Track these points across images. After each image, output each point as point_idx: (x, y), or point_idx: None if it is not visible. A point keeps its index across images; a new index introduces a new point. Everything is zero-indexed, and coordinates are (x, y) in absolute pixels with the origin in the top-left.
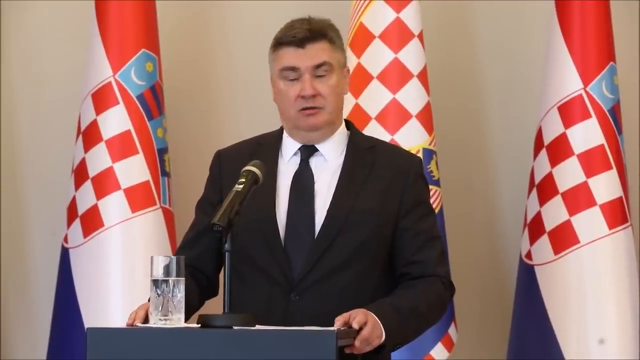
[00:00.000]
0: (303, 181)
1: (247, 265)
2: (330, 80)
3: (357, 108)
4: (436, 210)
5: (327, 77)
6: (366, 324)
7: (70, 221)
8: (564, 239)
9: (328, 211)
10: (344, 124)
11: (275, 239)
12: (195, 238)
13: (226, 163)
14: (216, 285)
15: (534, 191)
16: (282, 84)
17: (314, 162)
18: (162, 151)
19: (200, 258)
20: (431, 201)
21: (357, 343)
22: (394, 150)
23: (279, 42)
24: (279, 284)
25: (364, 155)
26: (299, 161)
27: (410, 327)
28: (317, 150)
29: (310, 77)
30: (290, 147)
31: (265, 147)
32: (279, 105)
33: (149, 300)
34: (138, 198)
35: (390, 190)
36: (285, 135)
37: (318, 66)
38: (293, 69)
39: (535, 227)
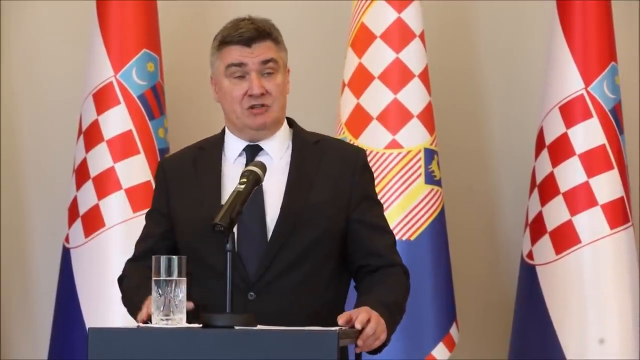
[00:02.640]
0: None
1: (201, 268)
2: (276, 79)
3: (358, 108)
4: (437, 211)
5: (273, 75)
6: (370, 321)
7: (71, 221)
8: (565, 239)
9: (282, 208)
10: (286, 121)
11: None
12: (151, 249)
13: (169, 171)
14: None
15: (535, 191)
16: (226, 83)
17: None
18: (164, 151)
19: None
20: (432, 201)
21: (360, 342)
22: (339, 144)
23: (225, 41)
24: (235, 284)
25: (310, 150)
26: (244, 162)
27: (396, 322)
28: (261, 149)
29: (257, 75)
30: (234, 148)
31: (207, 151)
32: (223, 104)
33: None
34: (139, 198)
35: (339, 183)
36: (228, 136)
37: (265, 62)
38: (240, 64)
39: (537, 227)
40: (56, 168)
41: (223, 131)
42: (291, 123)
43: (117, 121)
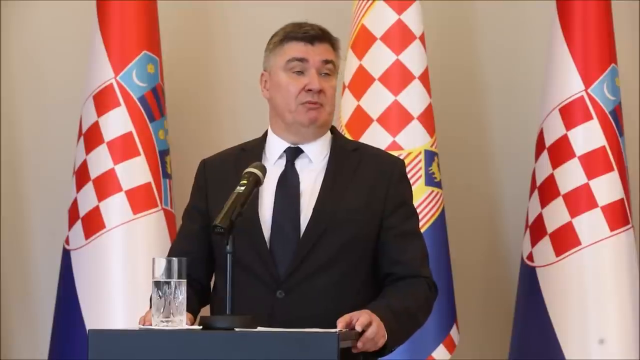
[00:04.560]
0: (288, 182)
1: (233, 267)
2: (332, 81)
3: (358, 110)
4: (438, 212)
5: (330, 77)
6: (370, 325)
7: (71, 223)
8: (565, 240)
9: (314, 210)
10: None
11: (260, 238)
12: (186, 247)
13: (211, 171)
14: (208, 291)
15: (536, 193)
16: (284, 77)
17: (299, 163)
18: (164, 153)
19: (192, 266)
20: (433, 203)
21: (359, 345)
22: (377, 152)
23: (289, 37)
24: (264, 283)
25: (348, 156)
26: (284, 163)
27: (405, 329)
28: (302, 152)
29: (317, 73)
30: (276, 150)
31: (249, 153)
32: (275, 98)
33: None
34: (139, 200)
35: (375, 190)
36: (271, 136)
37: (325, 62)
38: (302, 60)
39: (537, 229)
40: (56, 170)
41: (265, 133)
42: (332, 130)
43: (117, 123)
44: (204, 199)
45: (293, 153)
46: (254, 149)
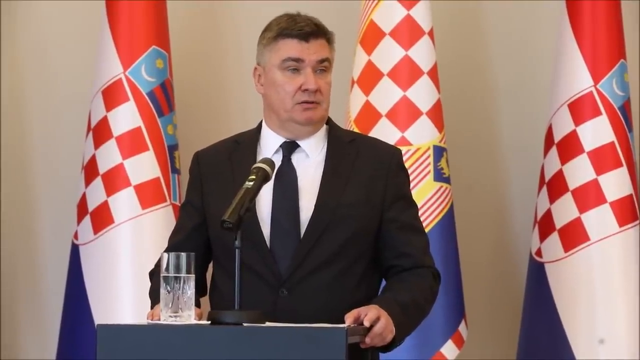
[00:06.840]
0: (286, 178)
1: (233, 263)
2: (327, 77)
3: (367, 105)
4: (447, 208)
5: (325, 74)
6: (379, 320)
7: (80, 218)
8: (574, 236)
9: (315, 207)
10: None
11: (259, 236)
12: (183, 242)
13: (204, 166)
14: (205, 284)
15: (544, 188)
16: (279, 75)
17: (295, 158)
18: (172, 148)
19: None
20: (441, 199)
21: (367, 340)
22: (374, 142)
23: (283, 33)
24: (266, 281)
25: (345, 149)
26: (280, 158)
27: (413, 321)
28: (298, 146)
29: (312, 71)
30: (271, 144)
31: (244, 146)
32: (270, 96)
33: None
34: (148, 195)
35: (374, 183)
36: (266, 131)
37: (321, 61)
38: (297, 60)
39: (546, 225)
40: (65, 164)
41: (259, 125)
42: (327, 120)
43: (126, 118)
44: (198, 193)
45: (289, 148)
46: (249, 143)
